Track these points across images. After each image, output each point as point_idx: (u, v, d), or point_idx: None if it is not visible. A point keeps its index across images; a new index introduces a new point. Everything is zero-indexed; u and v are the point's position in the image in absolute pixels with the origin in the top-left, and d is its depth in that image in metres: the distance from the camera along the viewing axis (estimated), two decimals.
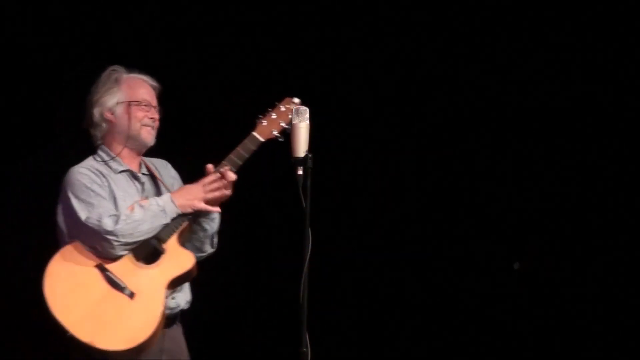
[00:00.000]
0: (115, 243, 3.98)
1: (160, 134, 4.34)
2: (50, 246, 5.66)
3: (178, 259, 4.11)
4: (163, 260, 4.07)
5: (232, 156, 4.20)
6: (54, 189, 5.39)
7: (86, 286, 4.00)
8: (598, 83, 5.86)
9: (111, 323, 3.96)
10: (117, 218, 4.00)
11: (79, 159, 4.26)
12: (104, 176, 4.14)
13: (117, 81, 4.22)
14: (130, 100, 4.19)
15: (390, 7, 5.96)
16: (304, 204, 3.81)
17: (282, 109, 4.21)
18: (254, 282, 6.08)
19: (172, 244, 4.10)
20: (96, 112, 4.21)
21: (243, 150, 4.20)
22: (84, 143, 5.57)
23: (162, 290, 4.04)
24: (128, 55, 5.71)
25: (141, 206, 4.05)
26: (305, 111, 3.83)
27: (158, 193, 4.25)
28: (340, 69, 6.01)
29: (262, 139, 4.20)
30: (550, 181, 6.02)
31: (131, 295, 4.00)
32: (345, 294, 6.12)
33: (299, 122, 3.82)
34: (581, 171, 5.96)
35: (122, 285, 4.01)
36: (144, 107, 4.22)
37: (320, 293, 4.25)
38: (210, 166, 4.17)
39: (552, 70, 5.91)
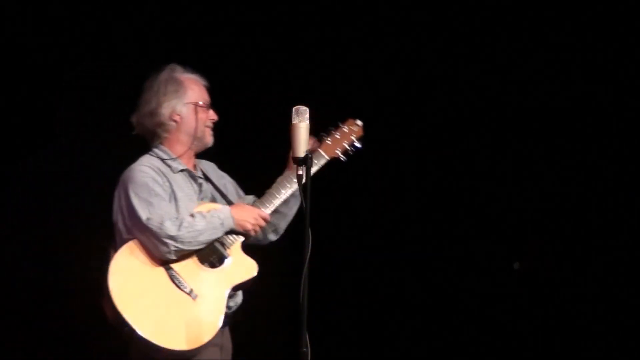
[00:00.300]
0: (173, 248, 4.03)
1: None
2: (51, 245, 5.70)
3: (242, 265, 4.19)
4: (227, 265, 4.14)
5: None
6: (54, 188, 5.40)
7: (151, 284, 4.04)
8: (597, 83, 5.86)
9: (174, 322, 4.00)
10: (179, 223, 4.04)
11: (83, 158, 4.27)
12: (164, 175, 4.16)
13: (179, 81, 4.25)
14: (196, 102, 4.23)
15: (390, 7, 5.97)
16: (304, 204, 3.81)
17: (345, 129, 4.36)
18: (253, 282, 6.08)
19: (236, 250, 4.18)
20: (165, 112, 4.21)
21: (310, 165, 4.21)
22: (85, 143, 5.60)
23: (225, 295, 4.11)
24: (128, 55, 5.75)
25: (203, 216, 4.10)
26: (305, 111, 3.83)
27: (213, 197, 4.30)
28: (340, 69, 6.01)
29: (327, 157, 4.33)
30: (550, 181, 6.02)
31: (194, 297, 4.05)
32: (345, 294, 6.12)
33: (299, 122, 3.82)
34: (581, 171, 5.96)
35: (186, 286, 4.06)
36: (206, 108, 4.27)
37: (320, 293, 4.25)
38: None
39: (552, 70, 5.92)
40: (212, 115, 4.29)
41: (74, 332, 5.68)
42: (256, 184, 4.47)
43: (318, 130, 4.28)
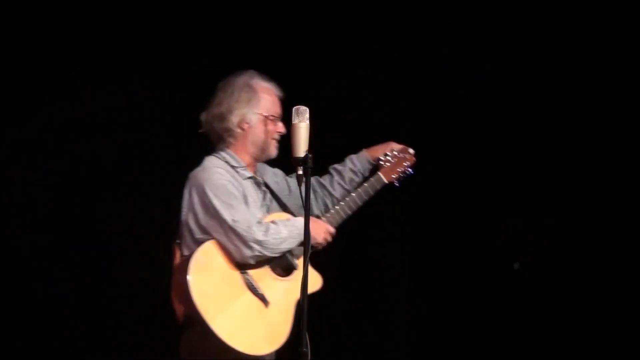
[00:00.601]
0: (257, 253, 4.07)
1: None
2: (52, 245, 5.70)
3: (310, 278, 4.14)
4: (296, 276, 4.18)
5: (360, 190, 4.40)
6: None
7: (228, 285, 4.07)
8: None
9: (247, 326, 4.04)
10: (265, 228, 4.08)
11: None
12: (236, 180, 4.20)
13: (254, 90, 4.27)
14: (267, 114, 4.25)
15: (390, 7, 5.97)
16: (304, 204, 3.82)
17: (400, 156, 4.50)
18: None
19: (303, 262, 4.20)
20: (234, 118, 4.23)
21: (370, 188, 4.42)
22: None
23: (293, 304, 4.14)
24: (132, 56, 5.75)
25: (285, 225, 4.15)
26: (305, 111, 3.83)
27: (276, 205, 4.33)
28: (340, 69, 6.01)
29: (386, 181, 4.45)
30: (549, 180, 6.02)
31: (267, 303, 4.09)
32: (345, 293, 6.12)
33: (299, 122, 3.82)
34: (581, 171, 5.96)
35: (260, 292, 4.09)
36: (275, 120, 4.28)
37: (320, 293, 4.25)
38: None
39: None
40: (280, 127, 4.29)
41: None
42: None
43: (318, 130, 4.28)
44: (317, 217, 4.33)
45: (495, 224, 6.12)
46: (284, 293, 4.14)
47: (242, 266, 4.09)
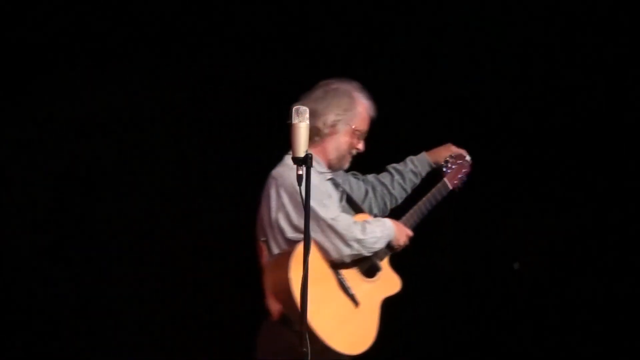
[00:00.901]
0: (355, 252, 4.10)
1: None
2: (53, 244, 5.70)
3: (391, 281, 4.29)
4: (379, 277, 4.22)
5: (429, 195, 4.45)
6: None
7: (324, 284, 4.09)
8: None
9: (342, 326, 4.06)
10: (362, 227, 4.12)
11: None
12: (322, 179, 4.24)
13: (354, 102, 4.30)
14: (356, 128, 4.28)
15: (390, 7, 5.97)
16: (304, 204, 3.81)
17: (460, 162, 4.57)
18: (254, 283, 6.07)
19: (385, 264, 4.26)
20: (327, 119, 4.25)
21: (437, 193, 4.47)
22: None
23: (379, 305, 4.19)
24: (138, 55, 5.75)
25: (377, 224, 4.19)
26: (305, 111, 3.82)
27: (348, 206, 4.33)
28: (340, 69, 6.00)
29: (450, 187, 4.51)
30: (549, 180, 6.02)
31: (357, 303, 4.12)
32: None
33: (299, 122, 3.82)
34: (581, 171, 5.96)
35: (351, 292, 4.11)
36: (359, 137, 4.32)
37: None
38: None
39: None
40: (361, 146, 4.34)
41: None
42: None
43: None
44: (375, 216, 4.38)
45: (495, 224, 6.11)
46: (371, 294, 4.18)
47: (335, 266, 4.11)
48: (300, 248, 3.98)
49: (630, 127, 5.88)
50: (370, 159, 5.99)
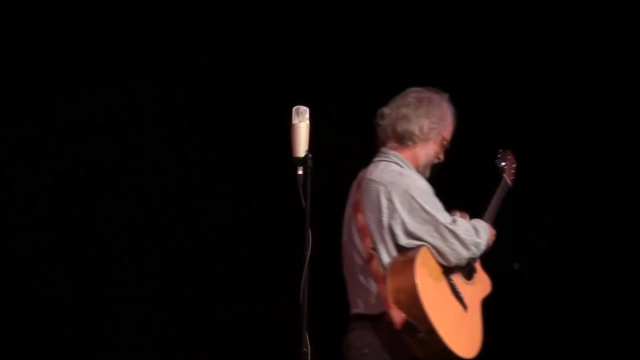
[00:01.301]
0: (472, 255, 4.13)
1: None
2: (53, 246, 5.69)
3: (485, 281, 4.33)
4: (476, 279, 4.25)
5: (497, 195, 4.52)
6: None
7: (441, 290, 4.09)
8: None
9: (459, 330, 4.06)
10: (474, 231, 4.15)
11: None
12: None
13: (446, 114, 4.30)
14: (446, 139, 4.30)
15: (390, 7, 5.97)
16: (304, 204, 3.81)
17: (509, 157, 4.66)
18: (254, 283, 6.08)
19: (478, 265, 4.29)
20: (423, 126, 4.24)
21: (502, 192, 4.55)
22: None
23: (480, 308, 4.21)
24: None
25: (482, 226, 4.24)
26: (305, 111, 3.83)
27: None
28: (340, 69, 6.01)
29: (510, 184, 4.60)
30: (549, 180, 6.02)
31: (465, 307, 4.13)
32: (345, 294, 6.11)
33: (299, 122, 3.82)
34: (581, 171, 5.96)
35: (461, 296, 4.12)
36: (445, 147, 4.33)
37: (320, 293, 4.25)
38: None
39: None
40: (442, 156, 4.33)
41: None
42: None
43: (318, 130, 4.27)
44: None
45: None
46: (472, 296, 4.19)
47: (446, 270, 4.12)
48: (423, 253, 4.03)
49: (631, 126, 5.88)
50: (369, 159, 6.00)
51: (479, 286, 4.27)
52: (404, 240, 4.06)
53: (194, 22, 5.88)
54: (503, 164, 4.66)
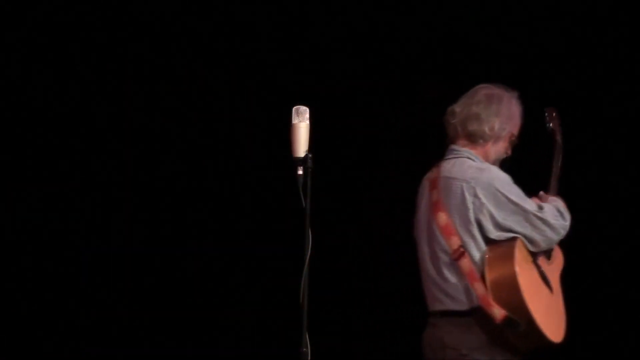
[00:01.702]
0: (561, 238, 4.19)
1: None
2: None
3: (559, 255, 4.34)
4: (553, 256, 4.29)
5: (556, 161, 4.53)
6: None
7: (533, 277, 4.14)
8: None
9: (549, 315, 4.12)
10: (560, 212, 4.20)
11: None
12: None
13: (516, 112, 4.33)
14: (513, 135, 4.32)
15: (390, 7, 5.97)
16: (304, 204, 3.81)
17: (554, 114, 4.61)
18: (254, 283, 6.09)
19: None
20: (495, 124, 4.26)
21: (559, 156, 4.55)
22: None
23: (560, 286, 4.25)
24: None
25: (561, 205, 4.27)
26: (305, 111, 3.83)
27: None
28: (340, 69, 6.01)
29: (561, 144, 4.58)
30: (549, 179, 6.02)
31: (551, 290, 4.19)
32: (345, 294, 6.12)
33: (299, 122, 3.82)
34: (581, 171, 5.96)
35: (548, 280, 4.19)
36: (512, 144, 4.35)
37: (320, 293, 4.25)
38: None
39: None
40: (510, 151, 4.36)
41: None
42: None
43: (318, 130, 4.28)
44: None
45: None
46: (553, 275, 4.25)
47: (533, 255, 4.17)
48: (519, 244, 4.08)
49: (631, 127, 5.88)
50: (370, 159, 6.01)
51: (556, 263, 4.31)
52: (494, 234, 4.11)
53: (194, 22, 5.89)
54: (551, 125, 4.61)
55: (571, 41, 5.84)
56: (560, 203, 4.30)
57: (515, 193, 4.13)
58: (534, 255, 4.17)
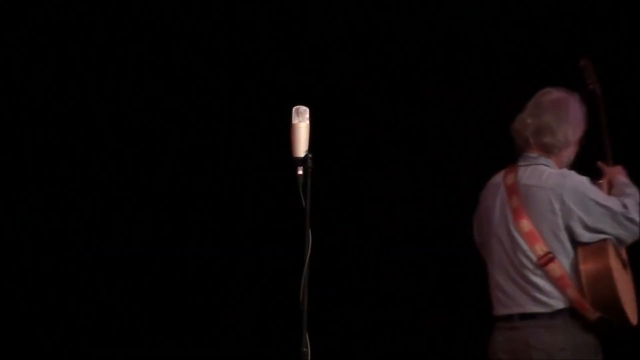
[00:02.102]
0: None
1: None
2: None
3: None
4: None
5: (604, 128, 4.52)
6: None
7: (621, 272, 4.21)
8: None
9: (633, 302, 4.21)
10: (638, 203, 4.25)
11: None
12: None
13: (582, 115, 4.36)
14: (581, 139, 4.36)
15: (389, 7, 5.97)
16: (304, 204, 3.81)
17: (588, 70, 4.57)
18: (254, 283, 6.09)
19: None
20: (567, 134, 4.30)
21: (606, 117, 4.52)
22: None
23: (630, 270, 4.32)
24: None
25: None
26: (305, 111, 3.83)
27: None
28: (340, 69, 6.01)
29: (599, 95, 4.54)
30: None
31: (631, 278, 4.28)
32: (345, 294, 6.12)
33: (299, 122, 3.82)
34: (581, 170, 5.95)
35: (626, 264, 4.27)
36: (579, 146, 4.39)
37: (320, 293, 4.25)
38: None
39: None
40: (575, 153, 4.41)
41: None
42: None
43: (318, 130, 4.28)
44: None
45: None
46: (625, 260, 4.32)
47: (618, 250, 4.24)
48: (610, 245, 4.16)
49: (630, 126, 5.87)
50: (370, 159, 6.00)
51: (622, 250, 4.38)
52: (586, 237, 4.17)
53: (193, 22, 5.89)
54: (591, 86, 4.55)
55: (571, 41, 5.83)
56: (634, 189, 4.32)
57: (598, 195, 4.21)
58: (619, 250, 4.26)
